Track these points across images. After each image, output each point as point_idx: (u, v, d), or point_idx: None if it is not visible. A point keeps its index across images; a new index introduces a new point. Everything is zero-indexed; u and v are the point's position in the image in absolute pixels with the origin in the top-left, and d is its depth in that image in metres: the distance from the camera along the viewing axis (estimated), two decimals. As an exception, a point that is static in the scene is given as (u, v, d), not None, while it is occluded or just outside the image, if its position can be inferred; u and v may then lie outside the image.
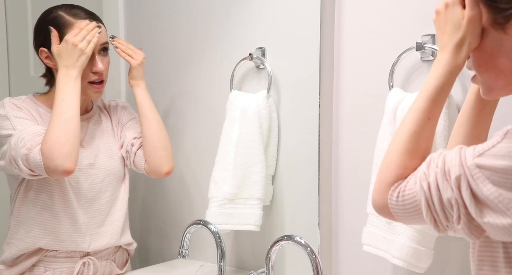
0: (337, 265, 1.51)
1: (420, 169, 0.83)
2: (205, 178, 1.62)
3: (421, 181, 0.81)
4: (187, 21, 1.76)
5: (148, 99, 1.60)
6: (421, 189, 0.81)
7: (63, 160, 1.38)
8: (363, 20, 1.43)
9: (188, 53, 1.77)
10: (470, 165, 0.77)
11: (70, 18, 1.48)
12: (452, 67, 0.87)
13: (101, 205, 1.57)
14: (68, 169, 1.40)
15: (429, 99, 0.88)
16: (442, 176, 0.79)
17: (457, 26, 0.86)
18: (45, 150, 1.38)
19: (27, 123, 1.45)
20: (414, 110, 0.89)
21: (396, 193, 0.85)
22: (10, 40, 2.28)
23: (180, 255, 1.46)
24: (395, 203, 0.85)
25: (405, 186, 0.85)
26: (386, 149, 0.92)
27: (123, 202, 1.62)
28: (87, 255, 1.56)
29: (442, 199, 0.79)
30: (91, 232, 1.55)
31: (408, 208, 0.84)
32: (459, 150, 0.80)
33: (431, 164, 0.82)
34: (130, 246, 1.68)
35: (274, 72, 1.55)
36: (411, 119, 0.89)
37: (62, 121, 1.40)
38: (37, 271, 1.54)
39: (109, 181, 1.58)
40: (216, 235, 1.43)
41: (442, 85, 0.88)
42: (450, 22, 0.87)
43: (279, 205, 1.57)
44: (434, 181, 0.80)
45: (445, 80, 0.88)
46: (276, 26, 1.56)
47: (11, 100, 1.50)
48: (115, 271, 1.63)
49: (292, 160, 1.55)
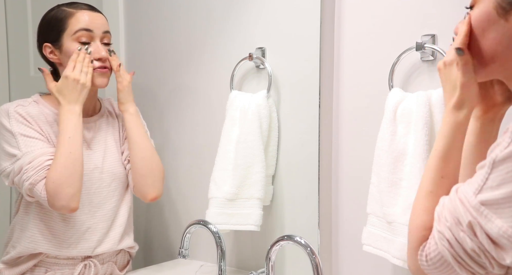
0: (337, 265, 1.51)
1: (434, 229, 0.81)
2: (205, 178, 1.62)
3: (440, 241, 0.79)
4: (187, 21, 1.76)
5: (136, 125, 1.55)
6: (444, 249, 0.79)
7: (69, 201, 1.39)
8: (363, 20, 1.43)
9: (188, 53, 1.77)
10: (475, 205, 0.75)
11: (71, 9, 1.50)
12: (455, 125, 0.87)
13: (108, 211, 1.56)
14: (73, 209, 1.42)
15: (439, 158, 0.87)
16: (456, 228, 0.77)
17: (453, 87, 0.87)
18: (50, 189, 1.38)
19: (33, 144, 1.43)
20: (428, 169, 0.88)
21: (424, 257, 0.83)
22: (10, 40, 2.28)
23: (180, 255, 1.45)
24: (427, 266, 0.83)
25: (429, 248, 0.82)
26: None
27: (128, 207, 1.61)
28: (89, 258, 1.56)
29: (467, 251, 0.77)
30: (97, 238, 1.54)
31: (441, 268, 0.81)
32: (455, 195, 0.79)
33: (441, 220, 0.80)
34: (133, 249, 1.68)
35: (274, 72, 1.55)
36: (425, 179, 0.88)
37: (69, 161, 1.40)
38: (37, 272, 1.53)
39: (115, 185, 1.57)
40: (216, 235, 1.43)
41: (449, 143, 0.87)
42: (448, 82, 0.88)
43: (279, 205, 1.57)
44: (452, 237, 0.78)
45: (451, 138, 0.87)
46: (276, 26, 1.56)
47: (16, 109, 1.47)
48: (116, 272, 1.62)
49: (292, 160, 1.55)
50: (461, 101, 0.86)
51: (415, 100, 1.26)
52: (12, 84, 2.26)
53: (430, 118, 1.24)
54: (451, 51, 0.88)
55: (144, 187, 1.55)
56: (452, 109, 0.87)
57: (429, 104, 1.24)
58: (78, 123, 1.43)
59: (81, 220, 1.51)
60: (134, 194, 1.60)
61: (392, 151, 1.28)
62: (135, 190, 1.58)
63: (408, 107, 1.27)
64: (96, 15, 1.52)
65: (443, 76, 0.90)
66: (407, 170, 1.25)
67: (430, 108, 1.24)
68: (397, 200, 1.27)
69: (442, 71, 0.90)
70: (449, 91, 0.88)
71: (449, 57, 0.88)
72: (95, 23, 1.50)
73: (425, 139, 1.22)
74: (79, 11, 1.50)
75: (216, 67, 1.69)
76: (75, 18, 1.49)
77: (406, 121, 1.27)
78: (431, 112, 1.24)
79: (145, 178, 1.54)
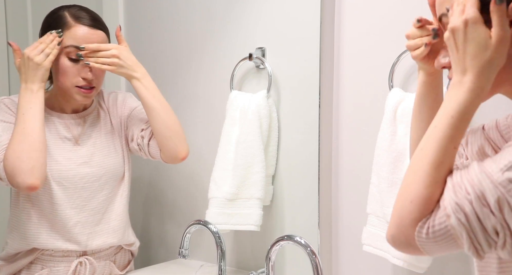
0: (337, 265, 1.51)
1: (448, 199, 0.77)
2: (205, 178, 1.62)
3: (455, 213, 0.75)
4: (187, 21, 1.76)
5: (146, 89, 1.51)
6: (458, 223, 0.75)
7: (25, 177, 1.37)
8: (363, 20, 1.43)
9: (188, 53, 1.77)
10: (502, 181, 0.72)
11: (71, 20, 1.46)
12: (480, 91, 0.79)
13: (98, 204, 1.55)
14: (31, 185, 1.38)
15: (454, 127, 0.80)
16: (478, 203, 0.74)
17: (482, 47, 0.79)
18: (6, 167, 1.38)
19: (9, 128, 1.43)
20: (439, 139, 0.80)
21: (425, 229, 0.78)
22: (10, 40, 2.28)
23: (180, 255, 1.46)
24: (425, 239, 0.78)
25: (433, 221, 0.77)
26: (404, 180, 0.83)
27: (122, 200, 1.61)
28: (84, 255, 1.56)
29: (485, 228, 0.74)
30: (88, 231, 1.54)
31: (441, 242, 0.78)
32: (479, 168, 0.76)
33: (459, 192, 0.76)
34: (132, 246, 1.67)
35: (274, 72, 1.55)
36: (435, 149, 0.80)
37: (22, 137, 1.39)
38: (34, 268, 1.54)
39: (106, 179, 1.56)
40: (216, 235, 1.43)
41: (468, 111, 0.80)
42: (473, 42, 0.79)
43: (279, 205, 1.57)
44: (472, 211, 0.74)
45: (471, 106, 0.80)
46: (276, 26, 1.56)
47: (4, 100, 1.48)
48: (115, 272, 1.62)
49: (292, 160, 1.55)
50: (492, 60, 0.78)
51: (415, 100, 1.26)
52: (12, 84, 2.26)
53: (430, 118, 1.24)
54: (469, 10, 0.79)
55: (172, 148, 1.52)
56: (479, 72, 0.79)
57: (429, 104, 1.24)
58: (34, 101, 1.41)
59: (68, 214, 1.51)
60: (163, 160, 1.57)
61: (392, 151, 1.28)
62: (164, 155, 1.55)
63: (408, 107, 1.27)
64: (93, 33, 1.47)
65: (461, 37, 0.80)
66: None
67: (430, 108, 1.24)
68: (397, 200, 1.26)
69: (461, 30, 0.80)
70: (473, 53, 0.79)
71: (471, 15, 0.79)
72: (89, 42, 1.46)
73: (425, 139, 1.22)
74: (77, 25, 1.46)
75: (216, 67, 1.69)
76: (70, 32, 1.45)
77: (406, 121, 1.27)
78: (431, 112, 1.24)
79: (170, 139, 1.52)
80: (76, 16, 1.47)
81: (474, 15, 0.79)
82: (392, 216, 0.83)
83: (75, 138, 1.54)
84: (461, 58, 0.81)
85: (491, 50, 0.78)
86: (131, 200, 1.68)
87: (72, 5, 1.51)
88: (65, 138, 1.53)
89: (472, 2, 0.80)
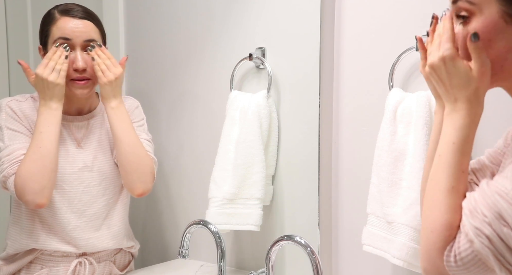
0: (337, 265, 1.51)
1: (467, 225, 0.77)
2: (205, 178, 1.62)
3: (477, 238, 0.75)
4: (187, 21, 1.76)
5: (118, 120, 1.50)
6: (483, 247, 0.75)
7: (35, 197, 1.39)
8: (363, 20, 1.43)
9: (188, 53, 1.77)
10: None
11: (58, 15, 1.47)
12: (474, 115, 0.83)
13: (99, 209, 1.55)
14: (39, 204, 1.41)
15: (458, 152, 0.83)
16: (497, 223, 0.74)
17: (465, 80, 0.83)
18: (17, 184, 1.39)
19: (17, 138, 1.44)
20: (446, 165, 0.83)
21: (452, 257, 0.79)
22: (10, 40, 2.29)
23: (180, 255, 1.45)
24: (455, 267, 0.79)
25: (458, 248, 0.78)
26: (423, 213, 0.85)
27: (123, 205, 1.61)
28: (83, 255, 1.56)
29: (510, 247, 0.74)
30: (87, 236, 1.53)
31: (472, 268, 0.78)
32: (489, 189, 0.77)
33: (476, 216, 0.76)
34: (132, 249, 1.68)
35: (274, 72, 1.55)
36: (444, 176, 0.83)
37: (38, 156, 1.40)
38: (33, 268, 1.54)
39: (106, 184, 1.56)
40: (216, 235, 1.43)
41: (468, 134, 0.83)
42: (455, 76, 0.83)
43: (279, 205, 1.57)
44: (493, 233, 0.74)
45: (469, 129, 0.83)
46: (276, 26, 1.56)
47: (9, 103, 1.48)
48: (115, 272, 1.62)
49: (292, 160, 1.55)
50: (477, 89, 0.82)
51: (415, 100, 1.26)
52: (12, 84, 2.26)
53: (430, 118, 1.24)
54: (445, 46, 0.83)
55: (131, 183, 1.53)
56: (469, 100, 0.83)
57: (429, 104, 1.24)
58: (51, 119, 1.43)
59: (68, 218, 1.51)
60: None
61: (392, 151, 1.28)
62: (124, 186, 1.57)
63: (408, 107, 1.27)
64: (79, 23, 1.47)
65: (442, 72, 0.84)
66: (407, 170, 1.25)
67: (430, 108, 1.24)
68: (397, 200, 1.27)
69: (441, 67, 0.84)
70: (458, 85, 0.83)
71: (447, 52, 0.83)
72: (76, 31, 1.46)
73: (425, 139, 1.22)
74: (62, 18, 1.46)
75: (216, 67, 1.69)
76: (56, 26, 1.46)
77: (406, 121, 1.27)
78: (431, 112, 1.24)
79: (131, 174, 1.52)
80: (63, 10, 1.48)
81: (450, 52, 0.83)
82: (420, 249, 0.85)
83: (77, 141, 1.54)
84: (449, 90, 0.85)
85: (475, 82, 0.82)
86: (131, 200, 1.68)
87: (62, 4, 1.52)
88: (68, 140, 1.52)
89: (447, 37, 0.83)
